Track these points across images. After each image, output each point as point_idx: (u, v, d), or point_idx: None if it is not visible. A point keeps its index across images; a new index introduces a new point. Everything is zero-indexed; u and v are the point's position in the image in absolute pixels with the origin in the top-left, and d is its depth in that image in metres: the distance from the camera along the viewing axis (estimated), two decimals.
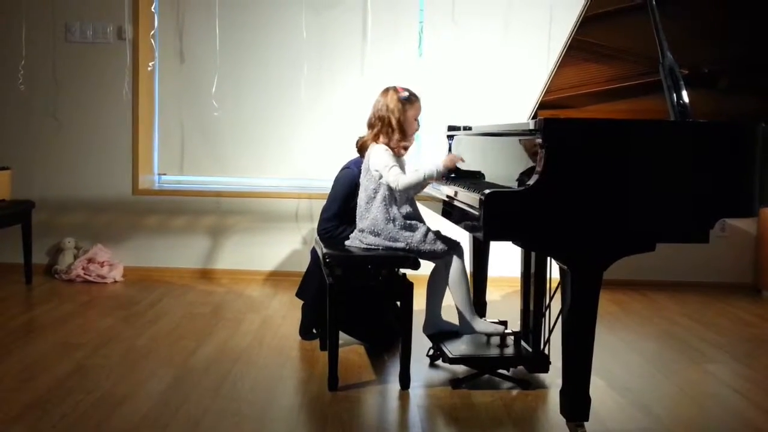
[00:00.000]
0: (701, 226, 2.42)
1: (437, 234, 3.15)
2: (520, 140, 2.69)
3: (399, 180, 3.05)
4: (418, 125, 3.26)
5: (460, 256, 3.14)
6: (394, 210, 3.11)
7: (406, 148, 3.24)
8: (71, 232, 5.10)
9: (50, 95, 5.09)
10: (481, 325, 3.16)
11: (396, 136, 3.14)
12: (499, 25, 5.09)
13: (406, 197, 3.15)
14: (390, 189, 3.09)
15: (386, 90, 3.21)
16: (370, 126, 3.21)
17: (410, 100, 3.18)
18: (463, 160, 3.22)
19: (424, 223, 3.21)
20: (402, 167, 3.19)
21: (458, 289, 3.11)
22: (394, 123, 3.14)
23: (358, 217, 3.21)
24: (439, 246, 3.08)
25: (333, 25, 5.13)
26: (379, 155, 3.12)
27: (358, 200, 3.23)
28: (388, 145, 3.15)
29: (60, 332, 3.64)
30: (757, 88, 2.93)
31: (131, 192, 5.14)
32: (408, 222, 3.12)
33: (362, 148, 3.27)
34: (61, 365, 3.13)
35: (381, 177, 3.10)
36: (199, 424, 2.57)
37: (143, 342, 3.53)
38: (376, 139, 3.18)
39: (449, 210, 2.98)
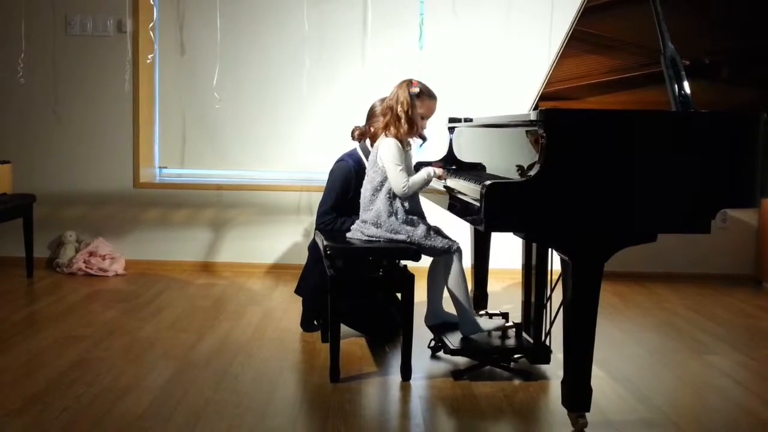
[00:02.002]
0: (702, 217, 2.42)
1: (438, 231, 3.15)
2: (521, 131, 2.69)
3: (409, 185, 3.06)
4: (425, 125, 3.26)
5: (459, 257, 3.13)
6: (397, 203, 3.11)
7: (422, 136, 3.27)
8: (72, 226, 5.10)
9: (50, 88, 5.08)
10: (482, 323, 3.16)
11: (403, 128, 3.12)
12: (500, 17, 5.07)
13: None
14: None
15: (403, 82, 3.20)
16: (382, 114, 3.20)
17: (420, 96, 3.17)
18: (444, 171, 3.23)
19: (425, 219, 3.21)
20: (409, 164, 3.19)
21: (458, 291, 3.11)
22: (402, 114, 3.12)
23: (362, 207, 3.20)
24: (439, 243, 3.09)
25: (333, 17, 5.12)
26: (388, 151, 3.09)
27: (362, 190, 3.22)
28: (397, 137, 3.13)
29: (61, 325, 3.65)
30: (758, 78, 2.93)
31: (132, 185, 5.14)
32: (410, 217, 3.12)
33: (372, 136, 3.25)
34: (62, 358, 3.14)
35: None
36: (200, 417, 2.57)
37: (145, 335, 3.53)
38: (386, 129, 3.16)
39: (453, 203, 2.98)
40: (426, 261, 3.15)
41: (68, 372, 2.97)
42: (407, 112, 3.12)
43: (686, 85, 2.61)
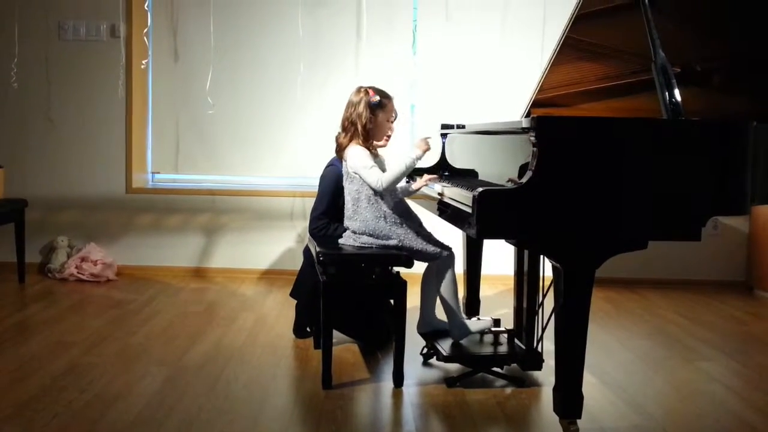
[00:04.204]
0: (693, 224, 2.42)
1: (429, 236, 3.15)
2: (513, 138, 2.70)
3: (381, 179, 3.05)
4: (393, 128, 3.25)
5: (452, 263, 3.14)
6: (383, 207, 3.11)
7: (384, 143, 3.26)
8: (64, 231, 5.09)
9: (43, 94, 5.08)
10: (471, 325, 3.17)
11: (366, 140, 3.14)
12: (493, 24, 5.09)
13: (391, 193, 3.15)
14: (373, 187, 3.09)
15: (358, 90, 3.19)
16: (344, 129, 3.21)
17: (381, 105, 3.16)
18: (429, 138, 3.15)
19: (418, 222, 3.22)
20: (381, 166, 3.19)
21: (448, 296, 3.11)
22: (360, 129, 3.13)
23: (346, 218, 3.21)
24: (431, 247, 3.09)
25: (327, 23, 5.13)
26: (356, 157, 3.11)
27: (345, 202, 3.22)
28: (364, 146, 3.14)
29: (53, 331, 3.64)
30: (749, 86, 2.94)
31: (125, 190, 5.13)
32: (399, 218, 3.12)
33: (339, 149, 3.24)
34: (54, 364, 3.13)
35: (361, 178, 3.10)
36: (192, 423, 2.57)
37: (137, 341, 3.52)
38: (350, 141, 3.17)
39: (444, 209, 2.98)
40: (418, 267, 3.16)
41: (60, 378, 2.96)
42: (365, 125, 3.13)
43: (677, 92, 2.62)
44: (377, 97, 3.15)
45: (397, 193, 3.20)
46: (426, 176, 3.13)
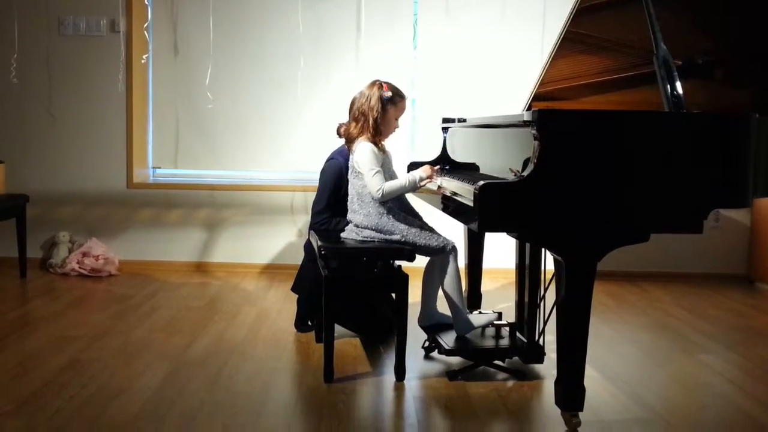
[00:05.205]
0: (695, 217, 2.43)
1: (432, 230, 3.15)
2: (514, 132, 2.70)
3: (383, 189, 3.05)
4: (398, 125, 3.26)
5: (455, 257, 3.14)
6: (388, 203, 3.11)
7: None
8: (66, 226, 5.09)
9: (44, 89, 5.07)
10: (475, 320, 3.17)
11: (372, 133, 3.14)
12: (494, 17, 5.08)
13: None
14: None
15: (373, 83, 3.20)
16: (355, 119, 3.21)
17: (393, 101, 3.17)
18: (435, 168, 3.15)
19: (419, 217, 3.21)
20: (388, 164, 3.19)
21: (452, 291, 3.11)
22: (371, 121, 3.13)
23: (350, 211, 3.21)
24: (434, 242, 3.09)
25: (327, 17, 5.12)
26: (364, 155, 3.10)
27: (348, 195, 3.22)
28: (373, 141, 3.14)
29: (55, 326, 3.64)
30: (750, 78, 2.94)
31: (126, 185, 5.13)
32: (402, 214, 3.13)
33: (348, 139, 3.25)
34: (56, 359, 3.13)
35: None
36: (194, 417, 2.57)
37: (138, 335, 3.53)
38: (360, 133, 3.17)
39: (448, 204, 2.98)
40: (420, 261, 3.16)
41: (61, 373, 2.97)
42: (376, 118, 3.13)
43: (678, 85, 2.62)
44: (389, 93, 3.16)
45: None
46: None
